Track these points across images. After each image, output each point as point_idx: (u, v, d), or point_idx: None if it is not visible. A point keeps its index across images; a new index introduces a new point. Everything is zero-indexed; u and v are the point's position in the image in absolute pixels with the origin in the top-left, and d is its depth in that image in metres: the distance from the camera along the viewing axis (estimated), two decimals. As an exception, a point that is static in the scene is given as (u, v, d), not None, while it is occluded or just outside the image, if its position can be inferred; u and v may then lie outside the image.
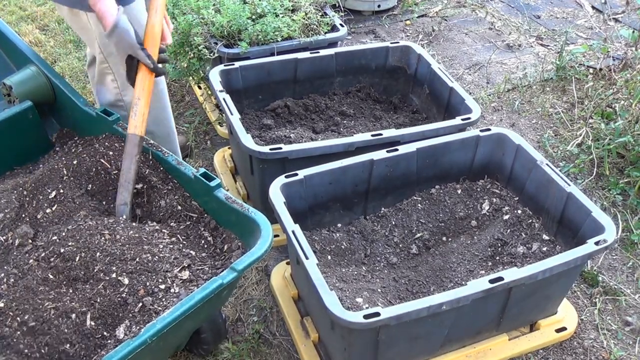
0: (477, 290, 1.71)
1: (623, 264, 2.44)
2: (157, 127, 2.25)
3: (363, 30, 4.05)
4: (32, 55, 2.29)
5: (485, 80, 3.57)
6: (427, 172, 2.31)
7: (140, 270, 1.71)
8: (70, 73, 3.64)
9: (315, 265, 1.74)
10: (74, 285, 1.70)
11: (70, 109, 2.23)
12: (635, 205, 2.64)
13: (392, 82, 2.96)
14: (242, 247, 1.81)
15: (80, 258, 1.72)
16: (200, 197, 1.95)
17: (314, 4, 3.08)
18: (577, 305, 2.27)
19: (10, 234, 1.88)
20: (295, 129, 2.62)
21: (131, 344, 1.42)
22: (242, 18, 2.79)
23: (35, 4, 4.42)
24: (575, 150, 2.91)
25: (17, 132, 2.17)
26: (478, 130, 2.33)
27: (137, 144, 1.90)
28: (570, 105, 3.29)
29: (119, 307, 1.65)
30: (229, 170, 2.79)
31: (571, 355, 2.12)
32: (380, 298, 1.94)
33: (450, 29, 4.09)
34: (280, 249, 2.47)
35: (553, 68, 3.55)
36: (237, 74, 2.66)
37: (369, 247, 2.19)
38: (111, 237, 1.77)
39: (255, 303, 2.29)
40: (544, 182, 2.16)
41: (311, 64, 2.77)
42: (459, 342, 2.00)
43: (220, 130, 3.06)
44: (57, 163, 2.06)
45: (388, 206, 2.32)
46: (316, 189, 2.14)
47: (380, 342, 1.73)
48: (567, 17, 4.25)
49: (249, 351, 2.11)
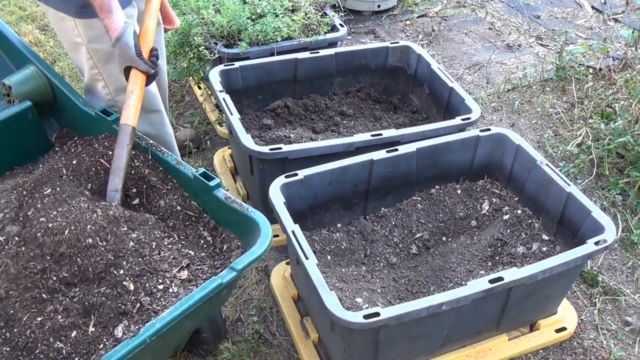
0: (477, 290, 1.71)
1: (623, 264, 2.44)
2: (152, 128, 2.25)
3: (363, 30, 4.05)
4: (31, 55, 2.29)
5: (485, 80, 3.57)
6: (427, 172, 2.31)
7: (139, 270, 1.70)
8: (70, 73, 3.64)
9: (315, 265, 1.74)
10: (69, 287, 1.70)
11: (69, 109, 2.23)
12: (635, 205, 2.64)
13: (392, 82, 2.96)
14: (241, 246, 1.81)
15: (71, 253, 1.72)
16: (199, 197, 1.94)
17: (314, 4, 3.08)
18: (577, 305, 2.27)
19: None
20: (295, 129, 2.62)
21: (130, 344, 1.42)
22: (242, 18, 2.79)
23: (35, 4, 4.42)
24: (575, 150, 2.91)
25: (16, 132, 2.17)
26: (478, 130, 2.33)
27: (128, 133, 1.93)
28: (570, 105, 3.29)
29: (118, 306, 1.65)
30: (229, 170, 2.79)
31: (571, 355, 2.12)
32: (380, 298, 1.94)
33: (450, 29, 4.09)
34: (280, 249, 2.47)
35: (553, 68, 3.55)
36: (237, 74, 2.66)
37: (369, 247, 2.19)
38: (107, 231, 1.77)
39: (255, 303, 2.29)
40: (543, 182, 2.16)
41: (311, 64, 2.77)
42: (458, 342, 2.00)
43: (220, 130, 3.07)
44: (56, 163, 2.06)
45: (388, 206, 2.32)
46: (316, 189, 2.14)
47: (380, 342, 1.73)
48: (567, 17, 4.25)
49: (248, 351, 2.11)
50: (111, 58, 2.04)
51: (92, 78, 2.15)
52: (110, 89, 2.15)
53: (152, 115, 2.23)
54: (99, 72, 2.11)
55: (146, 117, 2.20)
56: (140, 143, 2.03)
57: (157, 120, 2.26)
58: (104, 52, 2.04)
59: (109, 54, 2.03)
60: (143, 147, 2.03)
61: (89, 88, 2.20)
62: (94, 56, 2.07)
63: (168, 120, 2.34)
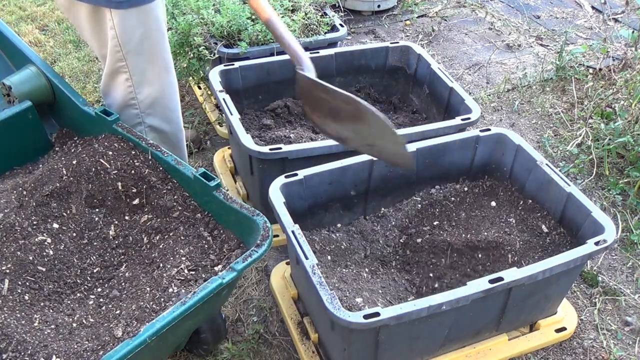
0: (477, 291, 1.71)
1: (623, 264, 2.44)
2: (168, 126, 2.26)
3: (363, 31, 4.05)
4: (31, 56, 2.29)
5: (485, 80, 3.57)
6: (427, 172, 2.31)
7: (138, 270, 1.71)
8: (70, 73, 3.64)
9: (315, 265, 1.74)
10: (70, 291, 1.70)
11: (69, 109, 2.23)
12: (635, 206, 2.64)
13: (392, 82, 2.96)
14: (241, 246, 1.81)
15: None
16: (199, 197, 1.95)
17: (313, 4, 3.08)
18: (577, 306, 2.27)
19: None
20: (295, 129, 2.62)
21: (130, 344, 1.42)
22: (242, 18, 2.79)
23: (35, 4, 4.42)
24: (575, 151, 2.91)
25: (16, 133, 2.17)
26: (478, 131, 2.33)
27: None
28: (570, 106, 3.29)
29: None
30: (229, 170, 2.79)
31: (571, 355, 2.12)
32: (380, 298, 1.94)
33: (450, 29, 4.09)
34: (280, 249, 2.47)
35: (553, 68, 3.55)
36: (237, 74, 2.66)
37: (369, 247, 2.19)
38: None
39: (255, 303, 2.29)
40: (543, 182, 2.16)
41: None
42: (458, 342, 2.00)
43: (220, 130, 3.07)
44: (56, 163, 2.06)
45: (388, 206, 2.32)
46: (316, 189, 2.14)
47: (380, 342, 1.73)
48: (567, 17, 4.26)
49: (248, 351, 2.11)
50: (140, 51, 2.05)
51: (115, 70, 2.13)
52: (133, 81, 2.14)
53: (170, 112, 2.24)
54: (126, 65, 2.11)
55: (163, 112, 2.22)
56: (140, 143, 2.03)
57: (174, 117, 2.27)
58: (135, 44, 2.04)
59: (138, 47, 2.05)
60: (143, 147, 2.03)
61: (109, 80, 2.18)
62: (124, 47, 2.07)
63: (181, 115, 2.35)
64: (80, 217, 1.97)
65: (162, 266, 1.77)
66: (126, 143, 2.05)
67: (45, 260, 1.82)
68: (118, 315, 1.65)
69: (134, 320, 1.62)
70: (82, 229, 1.94)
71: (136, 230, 1.95)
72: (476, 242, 2.15)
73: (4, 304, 1.66)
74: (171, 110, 2.25)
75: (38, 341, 1.58)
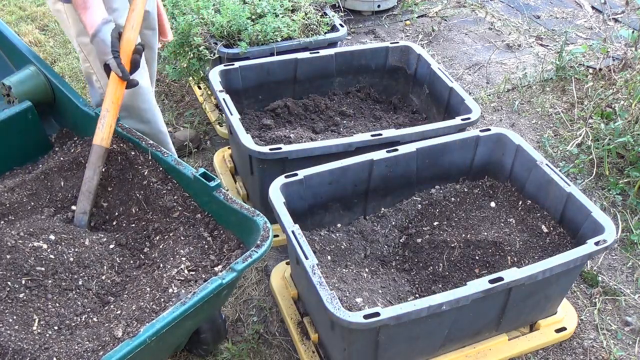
0: (476, 291, 1.71)
1: (623, 264, 2.44)
2: (146, 126, 2.21)
3: (363, 31, 4.05)
4: (31, 56, 2.29)
5: (485, 80, 3.57)
6: (427, 172, 2.31)
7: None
8: (70, 73, 3.64)
9: (315, 265, 1.74)
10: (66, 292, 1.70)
11: (69, 109, 2.23)
12: (635, 206, 2.64)
13: (392, 82, 2.96)
14: (241, 247, 1.81)
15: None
16: (199, 197, 1.94)
17: (313, 4, 3.08)
18: (577, 306, 2.27)
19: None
20: (295, 129, 2.62)
21: (130, 344, 1.42)
22: (242, 18, 2.79)
23: (35, 4, 4.42)
24: (575, 151, 2.91)
25: (16, 133, 2.17)
26: (478, 131, 2.33)
27: (101, 155, 1.91)
28: (570, 106, 3.29)
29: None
30: (229, 171, 2.79)
31: (571, 355, 2.12)
32: (380, 298, 1.94)
33: (450, 29, 4.09)
34: (280, 249, 2.47)
35: (553, 68, 3.55)
36: (237, 74, 2.66)
37: (369, 247, 2.19)
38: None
39: (255, 303, 2.29)
40: (543, 183, 2.16)
41: (311, 64, 2.76)
42: (458, 342, 2.00)
43: (220, 130, 3.07)
44: (56, 163, 2.06)
45: (388, 206, 2.32)
46: (316, 189, 2.14)
47: (380, 342, 1.73)
48: (567, 17, 4.26)
49: (248, 351, 2.11)
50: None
51: (86, 70, 2.12)
52: (102, 83, 2.11)
53: (145, 113, 2.20)
54: (91, 66, 2.08)
55: (138, 114, 2.17)
56: (140, 143, 2.02)
57: (150, 117, 2.22)
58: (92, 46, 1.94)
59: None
60: (143, 147, 2.02)
61: (87, 81, 2.18)
62: (84, 49, 2.03)
63: (161, 117, 2.30)
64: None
65: (162, 266, 1.77)
66: (126, 143, 2.05)
67: (43, 262, 1.81)
68: (118, 316, 1.65)
69: (134, 320, 1.61)
70: (82, 229, 1.93)
71: (136, 230, 1.95)
72: (476, 242, 2.15)
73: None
74: (145, 111, 2.19)
75: (38, 345, 1.58)
